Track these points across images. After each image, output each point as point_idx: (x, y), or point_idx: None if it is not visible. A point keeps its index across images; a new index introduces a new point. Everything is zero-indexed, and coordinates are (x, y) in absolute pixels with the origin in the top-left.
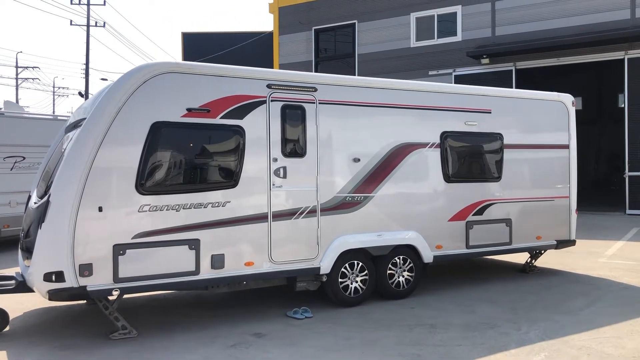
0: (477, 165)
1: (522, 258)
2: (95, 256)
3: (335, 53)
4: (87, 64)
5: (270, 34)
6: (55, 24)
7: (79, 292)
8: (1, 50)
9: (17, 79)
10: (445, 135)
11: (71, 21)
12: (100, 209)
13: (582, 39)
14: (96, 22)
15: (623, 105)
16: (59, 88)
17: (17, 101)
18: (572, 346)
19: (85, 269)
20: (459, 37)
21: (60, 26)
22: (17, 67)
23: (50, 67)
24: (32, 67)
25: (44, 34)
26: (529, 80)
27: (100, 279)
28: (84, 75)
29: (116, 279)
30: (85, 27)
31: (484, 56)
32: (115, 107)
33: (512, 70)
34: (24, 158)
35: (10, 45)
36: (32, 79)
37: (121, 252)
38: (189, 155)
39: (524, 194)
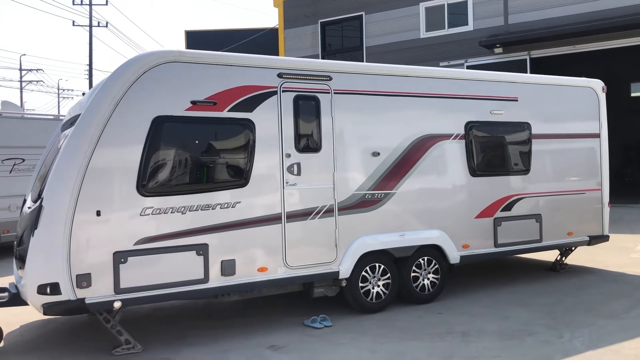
0: (504, 158)
1: (550, 255)
2: (94, 265)
3: (342, 46)
4: (90, 64)
5: (275, 29)
6: (58, 25)
7: (76, 306)
8: (5, 53)
9: (21, 81)
10: (470, 126)
11: (73, 22)
12: (98, 213)
13: (599, 25)
14: (99, 23)
15: None
16: (64, 90)
17: (21, 104)
18: (624, 355)
19: (83, 280)
20: (470, 27)
21: (63, 27)
22: (20, 69)
23: (54, 69)
24: (36, 70)
25: (46, 36)
26: (544, 69)
27: (99, 290)
28: (87, 76)
29: (117, 289)
30: (87, 28)
31: (497, 45)
32: (113, 101)
33: (526, 59)
34: (24, 160)
35: (13, 47)
36: (36, 81)
37: (122, 260)
38: (194, 152)
39: (554, 187)
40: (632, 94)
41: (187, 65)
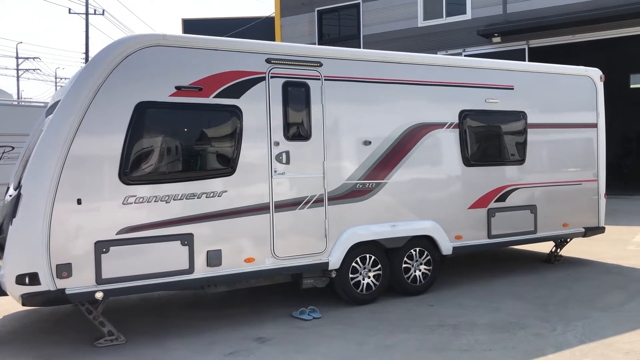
0: (499, 147)
1: (545, 247)
2: (75, 255)
3: (339, 35)
4: (86, 52)
5: (272, 18)
6: (55, 13)
7: (56, 296)
8: (1, 41)
9: (17, 70)
10: (464, 115)
11: (70, 9)
12: (79, 202)
13: (599, 14)
14: (95, 10)
15: None
16: (61, 78)
17: (18, 93)
18: (617, 350)
19: (63, 270)
20: (468, 16)
21: (60, 15)
22: (17, 57)
23: (51, 57)
24: (33, 58)
25: (43, 24)
26: (542, 59)
27: (80, 281)
28: (83, 65)
29: (99, 280)
30: (84, 16)
31: (495, 35)
32: (94, 86)
33: (525, 49)
34: (13, 148)
35: (10, 35)
36: (33, 69)
37: (104, 249)
38: (179, 139)
39: (550, 177)
40: (632, 85)
41: (171, 49)
